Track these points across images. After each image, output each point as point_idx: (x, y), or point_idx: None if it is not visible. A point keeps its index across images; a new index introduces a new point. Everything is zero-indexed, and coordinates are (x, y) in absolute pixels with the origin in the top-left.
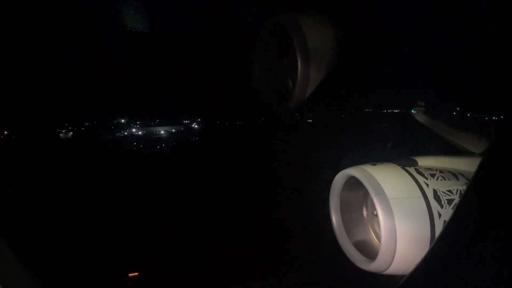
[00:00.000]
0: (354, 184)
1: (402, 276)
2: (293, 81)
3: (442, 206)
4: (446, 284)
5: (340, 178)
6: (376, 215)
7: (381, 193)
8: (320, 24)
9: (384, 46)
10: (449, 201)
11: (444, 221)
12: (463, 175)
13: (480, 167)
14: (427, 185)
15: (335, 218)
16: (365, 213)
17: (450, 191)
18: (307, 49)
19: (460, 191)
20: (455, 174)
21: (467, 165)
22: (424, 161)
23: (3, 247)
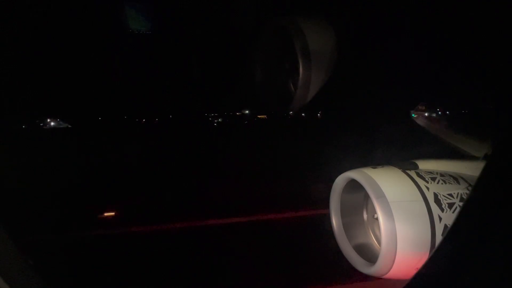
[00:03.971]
0: (354, 187)
1: (403, 281)
2: (294, 83)
3: (442, 210)
4: None
5: (340, 181)
6: (377, 218)
7: (381, 196)
8: (321, 27)
9: (385, 48)
10: (450, 205)
11: (445, 224)
12: (464, 179)
13: (483, 171)
14: (428, 188)
15: (335, 221)
16: (365, 216)
17: (450, 194)
18: (308, 52)
19: (461, 195)
20: (456, 178)
21: (468, 168)
22: (424, 165)
23: (11, 247)
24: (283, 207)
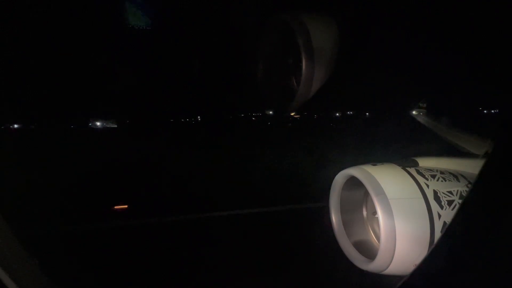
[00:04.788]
0: (354, 184)
1: (401, 277)
2: (297, 80)
3: (442, 207)
4: (445, 286)
5: (340, 178)
6: (376, 215)
7: (381, 193)
8: (325, 23)
9: (388, 46)
10: (449, 202)
11: (444, 222)
12: (463, 176)
13: (482, 169)
14: (428, 185)
15: (334, 218)
16: (365, 213)
17: (450, 192)
18: (311, 48)
19: (461, 192)
20: (455, 175)
21: (468, 166)
22: (424, 162)
23: (18, 247)
24: (282, 201)
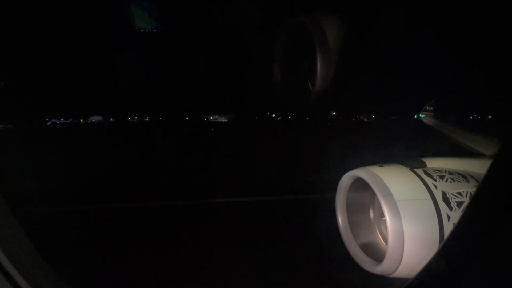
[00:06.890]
0: (361, 185)
1: (407, 279)
2: (313, 81)
3: (451, 209)
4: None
5: (346, 179)
6: (383, 217)
7: (388, 194)
8: (340, 25)
9: (405, 45)
10: (459, 204)
11: (454, 223)
12: (473, 177)
13: (490, 169)
14: (436, 186)
15: (341, 220)
16: (372, 214)
17: (459, 193)
18: (327, 50)
19: (470, 193)
20: (464, 176)
21: (477, 166)
22: (432, 163)
23: (31, 248)
24: (290, 208)
